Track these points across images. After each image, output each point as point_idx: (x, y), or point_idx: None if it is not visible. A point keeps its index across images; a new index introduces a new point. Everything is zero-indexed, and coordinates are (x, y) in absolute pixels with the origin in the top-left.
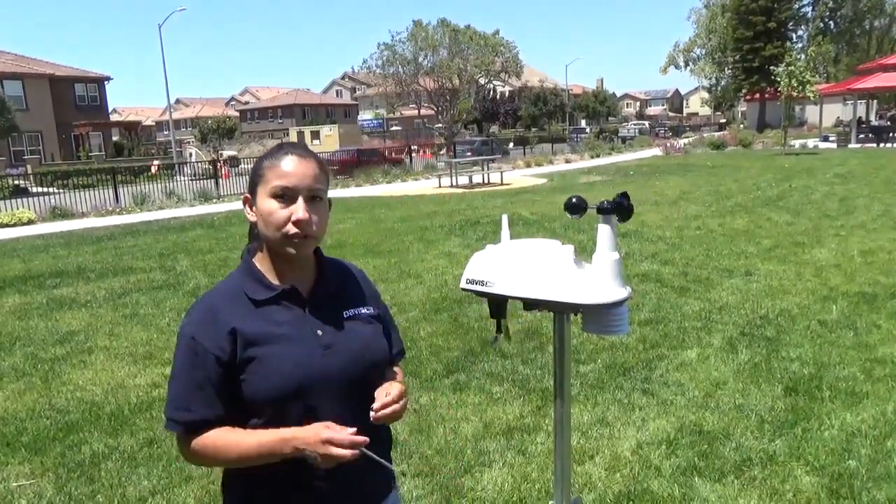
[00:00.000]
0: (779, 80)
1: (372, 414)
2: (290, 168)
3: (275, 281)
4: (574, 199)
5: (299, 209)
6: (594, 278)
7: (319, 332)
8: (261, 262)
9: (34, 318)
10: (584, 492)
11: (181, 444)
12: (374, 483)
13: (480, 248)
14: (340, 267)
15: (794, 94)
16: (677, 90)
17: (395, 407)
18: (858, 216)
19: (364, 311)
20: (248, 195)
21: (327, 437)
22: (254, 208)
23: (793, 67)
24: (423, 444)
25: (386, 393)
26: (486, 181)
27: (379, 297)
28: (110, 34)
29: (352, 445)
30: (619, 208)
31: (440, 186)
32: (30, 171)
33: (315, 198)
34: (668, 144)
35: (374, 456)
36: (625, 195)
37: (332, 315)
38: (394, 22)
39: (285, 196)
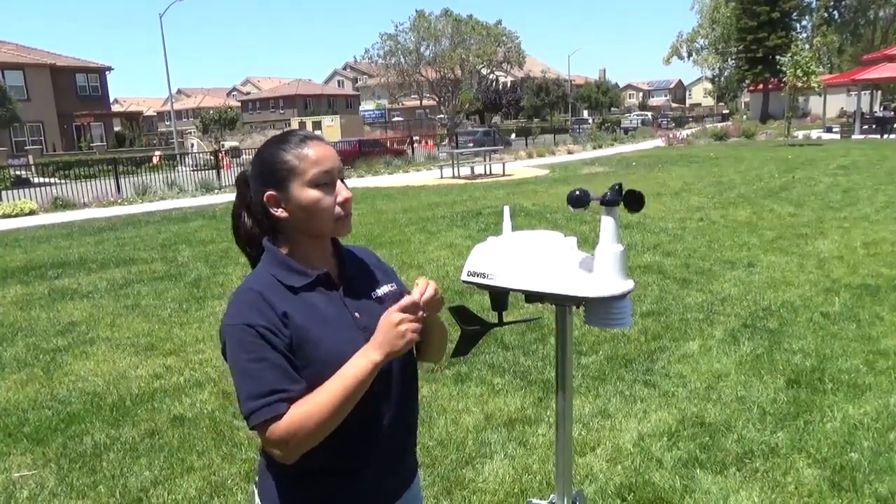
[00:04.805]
0: (784, 69)
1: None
2: (321, 153)
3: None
4: (577, 192)
5: (343, 189)
6: (597, 271)
7: (357, 315)
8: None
9: (36, 308)
10: (586, 483)
11: (270, 438)
12: (407, 467)
13: (482, 239)
14: (354, 250)
15: (799, 84)
16: (680, 81)
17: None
18: (862, 207)
19: (389, 289)
20: (274, 192)
21: (399, 319)
22: (283, 204)
23: (798, 57)
24: (425, 436)
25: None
26: (488, 172)
27: (395, 273)
28: (111, 24)
29: (417, 306)
30: (626, 199)
31: (442, 177)
32: (31, 162)
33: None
34: (671, 135)
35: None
36: (630, 192)
37: (364, 297)
38: (396, 11)
39: (327, 182)
